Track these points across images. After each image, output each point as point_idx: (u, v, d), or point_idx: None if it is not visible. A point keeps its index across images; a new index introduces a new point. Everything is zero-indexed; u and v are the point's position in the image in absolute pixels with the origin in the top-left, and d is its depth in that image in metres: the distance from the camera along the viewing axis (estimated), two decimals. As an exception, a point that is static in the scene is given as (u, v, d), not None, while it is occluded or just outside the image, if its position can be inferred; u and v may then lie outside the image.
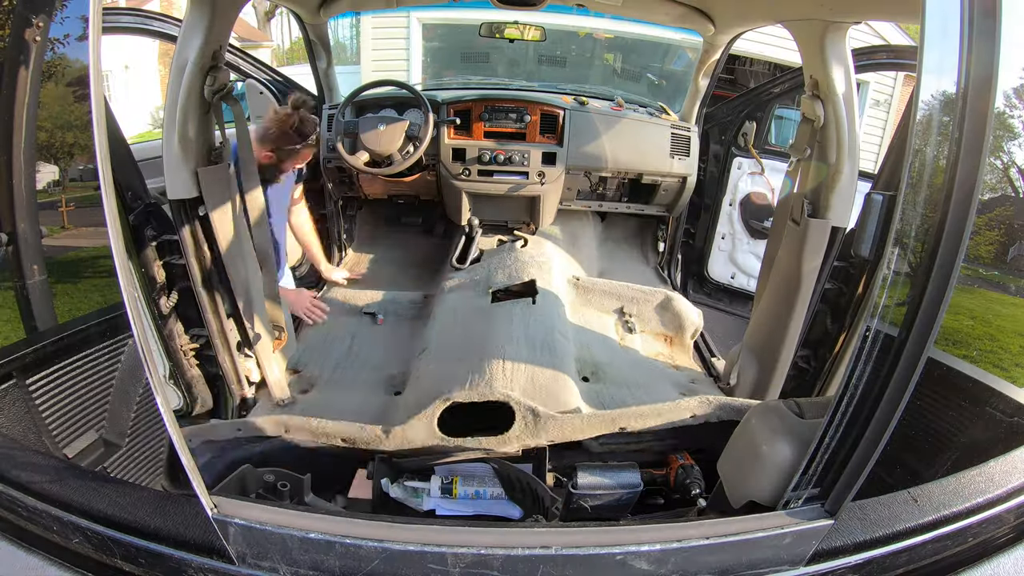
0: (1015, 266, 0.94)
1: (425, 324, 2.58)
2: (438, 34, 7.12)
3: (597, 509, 1.28)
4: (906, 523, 0.88)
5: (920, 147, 0.79)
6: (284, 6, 3.40)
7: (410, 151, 2.80)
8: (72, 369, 1.02)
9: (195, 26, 1.67)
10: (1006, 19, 0.75)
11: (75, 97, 0.95)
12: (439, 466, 1.59)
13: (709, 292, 3.55)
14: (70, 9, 0.90)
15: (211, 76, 1.75)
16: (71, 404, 1.03)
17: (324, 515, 0.90)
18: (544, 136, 3.07)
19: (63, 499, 0.88)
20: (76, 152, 1.01)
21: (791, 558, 0.87)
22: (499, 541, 0.87)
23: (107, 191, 0.79)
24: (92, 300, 1.07)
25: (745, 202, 3.26)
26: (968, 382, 0.96)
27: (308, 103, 2.29)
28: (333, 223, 3.44)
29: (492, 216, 3.36)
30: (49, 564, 0.87)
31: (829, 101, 1.74)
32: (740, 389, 2.22)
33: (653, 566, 0.85)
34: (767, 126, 3.17)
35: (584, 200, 3.35)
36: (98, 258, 0.98)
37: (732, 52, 2.97)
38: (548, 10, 2.60)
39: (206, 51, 1.70)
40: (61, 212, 1.04)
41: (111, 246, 0.79)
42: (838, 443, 0.88)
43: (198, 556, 0.85)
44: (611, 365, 2.30)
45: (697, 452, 1.56)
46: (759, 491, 1.01)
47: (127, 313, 0.81)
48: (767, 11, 2.05)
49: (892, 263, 0.81)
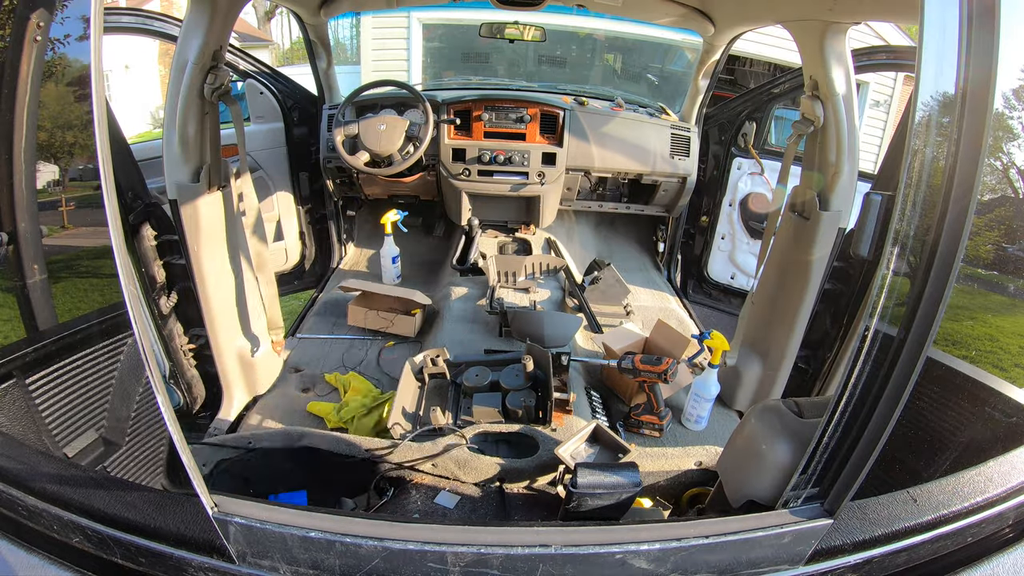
0: (1015, 266, 0.94)
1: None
2: (438, 34, 7.12)
3: (597, 509, 1.28)
4: (905, 523, 0.88)
5: (919, 147, 0.79)
6: (284, 6, 3.40)
7: (410, 151, 2.80)
8: (72, 369, 1.02)
9: (195, 26, 1.68)
10: (1005, 19, 0.75)
11: (75, 97, 0.95)
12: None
13: (709, 292, 3.55)
14: (71, 9, 0.90)
15: (211, 76, 1.75)
16: (71, 404, 1.03)
17: (324, 514, 0.90)
18: (544, 136, 3.08)
19: (63, 498, 0.88)
20: (76, 152, 1.01)
21: (790, 557, 0.87)
22: (499, 540, 0.87)
23: (107, 191, 0.80)
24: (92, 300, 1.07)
25: (745, 202, 3.26)
26: (967, 382, 0.96)
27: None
28: (333, 223, 3.44)
29: (492, 216, 3.36)
30: (49, 563, 0.87)
31: (829, 101, 1.74)
32: (743, 388, 2.23)
33: (652, 565, 0.85)
34: (767, 126, 3.17)
35: (584, 200, 3.35)
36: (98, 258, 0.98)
37: (732, 52, 2.97)
38: (548, 10, 2.60)
39: (206, 51, 1.71)
40: (61, 212, 1.04)
41: (111, 246, 0.79)
42: (837, 443, 0.88)
43: (198, 555, 0.85)
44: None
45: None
46: (758, 490, 1.01)
47: (127, 313, 0.81)
48: (767, 11, 2.05)
49: (891, 263, 0.82)
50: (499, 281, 2.87)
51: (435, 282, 3.22)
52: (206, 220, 1.88)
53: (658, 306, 3.05)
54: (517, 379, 1.89)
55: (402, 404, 1.88)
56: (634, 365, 1.92)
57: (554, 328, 2.33)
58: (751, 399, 2.22)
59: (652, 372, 1.90)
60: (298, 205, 3.25)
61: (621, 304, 2.81)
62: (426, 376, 2.04)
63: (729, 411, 2.24)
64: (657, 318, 2.36)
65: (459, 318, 2.60)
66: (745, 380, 2.21)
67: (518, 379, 1.89)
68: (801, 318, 2.01)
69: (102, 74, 0.81)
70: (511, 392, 1.85)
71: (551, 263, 2.98)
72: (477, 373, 1.96)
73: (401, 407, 1.86)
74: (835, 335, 2.11)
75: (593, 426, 1.58)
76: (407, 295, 2.66)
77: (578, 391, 2.05)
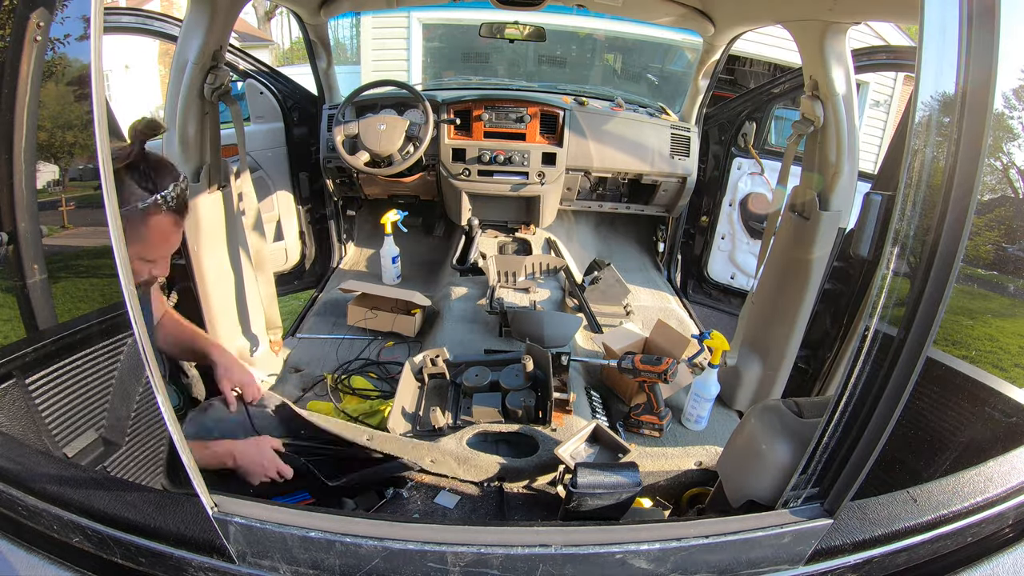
0: (1015, 266, 0.94)
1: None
2: (438, 34, 7.13)
3: (597, 509, 1.28)
4: (905, 522, 0.88)
5: (919, 147, 0.79)
6: (284, 6, 3.40)
7: (410, 151, 2.80)
8: (72, 369, 1.02)
9: (195, 26, 1.68)
10: (1005, 19, 0.75)
11: (75, 97, 0.95)
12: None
13: (709, 292, 3.55)
14: (71, 9, 0.90)
15: (211, 76, 1.75)
16: (71, 404, 1.03)
17: (324, 514, 0.90)
18: (544, 136, 3.07)
19: (63, 498, 0.88)
20: (76, 152, 1.01)
21: (790, 557, 0.87)
22: (499, 540, 0.87)
23: (107, 191, 0.80)
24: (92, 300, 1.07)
25: (745, 202, 3.26)
26: (967, 382, 0.96)
27: (157, 128, 1.23)
28: (333, 223, 3.44)
29: (492, 216, 3.36)
30: (49, 563, 0.87)
31: (829, 101, 1.74)
32: (743, 388, 2.23)
33: (652, 565, 0.85)
34: (767, 126, 3.17)
35: (584, 200, 3.35)
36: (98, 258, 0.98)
37: (732, 52, 2.97)
38: (548, 10, 2.61)
39: (206, 51, 1.71)
40: (61, 211, 1.04)
41: (111, 246, 0.79)
42: (837, 443, 0.88)
43: (198, 555, 0.85)
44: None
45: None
46: (758, 490, 1.01)
47: (127, 313, 0.81)
48: (767, 11, 2.05)
49: (891, 263, 0.82)
50: (499, 281, 2.87)
51: (435, 282, 3.22)
52: (206, 220, 1.88)
53: (658, 306, 3.05)
54: (517, 379, 1.89)
55: (402, 404, 1.88)
56: (634, 365, 1.92)
57: (554, 328, 2.34)
58: (751, 399, 2.22)
59: (652, 372, 1.90)
60: (298, 205, 3.25)
61: (621, 304, 2.81)
62: (426, 376, 2.04)
63: (729, 411, 2.24)
64: (657, 318, 2.36)
65: (459, 318, 2.60)
66: (745, 380, 2.21)
67: (518, 379, 1.89)
68: (801, 318, 2.01)
69: (102, 74, 0.81)
70: (511, 392, 1.85)
71: (551, 263, 2.98)
72: (477, 373, 1.96)
73: (401, 407, 1.86)
74: (835, 335, 2.11)
75: (593, 426, 1.58)
76: (407, 297, 2.66)
77: (578, 391, 2.05)
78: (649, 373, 1.90)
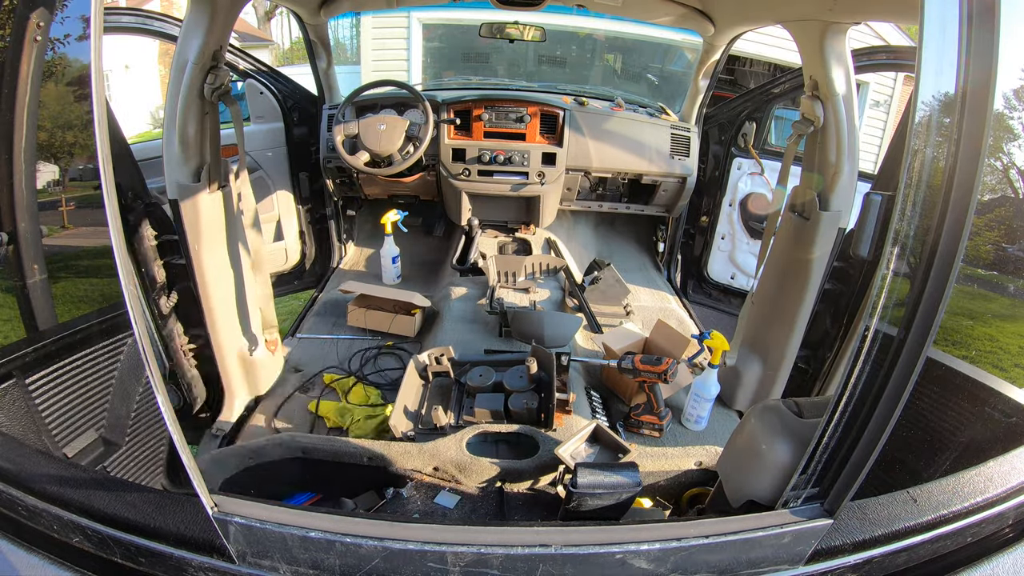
0: (1015, 266, 0.94)
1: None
2: (438, 34, 7.13)
3: (597, 509, 1.28)
4: (905, 523, 0.88)
5: (919, 147, 0.79)
6: (284, 6, 3.40)
7: (410, 151, 2.80)
8: (72, 369, 1.02)
9: (195, 26, 1.67)
10: (1005, 19, 0.75)
11: (75, 97, 0.95)
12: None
13: (709, 292, 3.55)
14: (71, 9, 0.90)
15: (211, 76, 1.75)
16: (71, 403, 1.03)
17: (324, 514, 0.90)
18: (544, 136, 3.07)
19: (63, 498, 0.88)
20: (76, 152, 1.01)
21: (790, 557, 0.87)
22: (499, 540, 0.87)
23: (107, 191, 0.79)
24: (92, 300, 1.07)
25: (745, 202, 3.26)
26: (967, 382, 0.96)
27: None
28: (333, 223, 3.44)
29: (492, 216, 3.36)
30: (49, 563, 0.87)
31: (829, 102, 1.74)
32: (743, 388, 2.22)
33: (652, 565, 0.85)
34: (767, 126, 3.16)
35: (584, 200, 3.35)
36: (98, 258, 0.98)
37: (732, 52, 2.97)
38: (548, 10, 2.60)
39: (206, 51, 1.71)
40: (61, 212, 1.04)
41: (111, 246, 0.79)
42: (837, 443, 0.88)
43: (198, 555, 0.85)
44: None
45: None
46: (758, 490, 1.01)
47: (127, 313, 0.81)
48: (767, 11, 2.05)
49: (891, 263, 0.82)
50: (499, 281, 2.87)
51: (435, 282, 3.22)
52: (206, 220, 1.88)
53: (658, 306, 3.05)
54: (521, 381, 1.90)
55: (404, 402, 1.88)
56: (634, 365, 1.92)
57: (554, 328, 2.34)
58: (751, 399, 2.22)
59: (652, 372, 1.90)
60: (298, 205, 3.24)
61: (621, 304, 2.81)
62: (430, 374, 2.04)
63: (729, 411, 2.24)
64: (657, 318, 2.36)
65: (459, 318, 2.60)
66: (745, 380, 2.21)
67: (522, 381, 1.89)
68: (801, 318, 2.01)
69: (102, 74, 0.81)
70: (514, 394, 1.85)
71: (551, 263, 2.98)
72: (481, 373, 1.96)
73: (403, 405, 1.86)
74: (835, 335, 2.11)
75: (593, 426, 1.58)
76: (406, 297, 2.66)
77: (578, 391, 2.05)
78: (649, 373, 1.90)
